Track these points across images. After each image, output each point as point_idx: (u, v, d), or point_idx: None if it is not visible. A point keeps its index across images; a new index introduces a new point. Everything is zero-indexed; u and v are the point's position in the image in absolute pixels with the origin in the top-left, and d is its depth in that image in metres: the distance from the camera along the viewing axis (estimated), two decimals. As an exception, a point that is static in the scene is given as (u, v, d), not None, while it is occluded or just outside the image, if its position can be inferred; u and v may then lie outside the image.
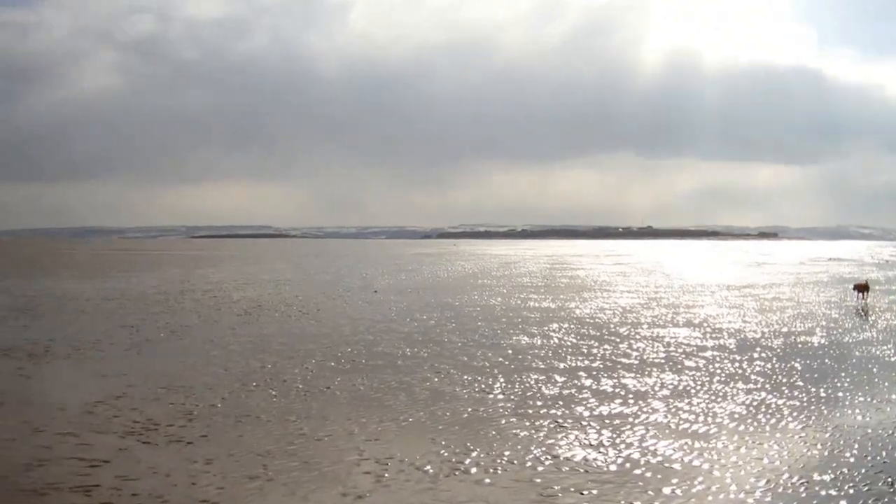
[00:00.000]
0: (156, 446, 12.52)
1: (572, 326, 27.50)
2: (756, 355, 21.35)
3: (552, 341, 23.85)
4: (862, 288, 39.73)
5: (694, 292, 43.82)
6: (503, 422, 13.85)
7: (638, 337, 24.88)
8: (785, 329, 27.08)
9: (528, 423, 13.71)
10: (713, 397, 15.95)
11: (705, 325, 28.16)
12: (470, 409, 14.76)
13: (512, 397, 15.80)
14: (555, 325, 27.75)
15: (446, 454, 11.90)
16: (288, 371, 18.82)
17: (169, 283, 50.37)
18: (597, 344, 23.26)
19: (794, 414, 14.54)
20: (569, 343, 23.49)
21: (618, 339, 24.24)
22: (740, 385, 17.16)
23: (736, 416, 14.41)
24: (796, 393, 16.35)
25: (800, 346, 23.27)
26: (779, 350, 22.33)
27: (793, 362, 20.15)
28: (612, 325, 27.84)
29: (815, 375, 18.33)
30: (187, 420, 14.09)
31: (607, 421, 13.94)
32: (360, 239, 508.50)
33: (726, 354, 21.47)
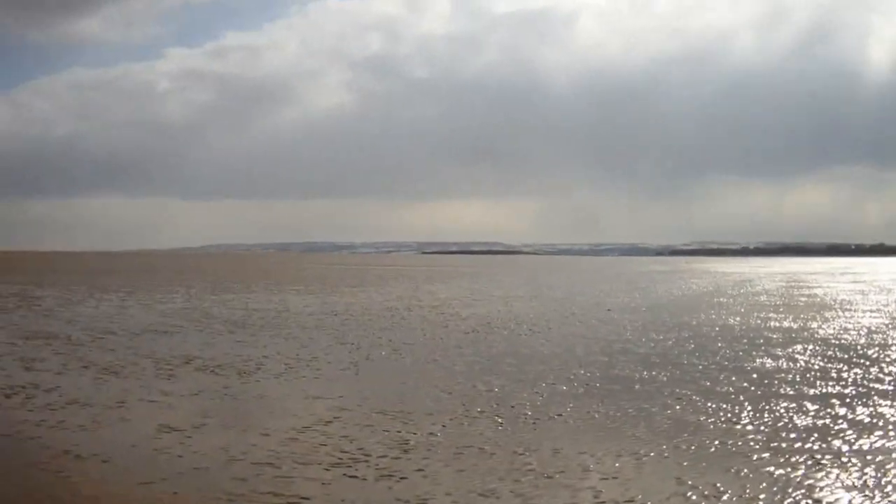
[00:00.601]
0: (364, 481, 11.51)
1: (817, 348, 25.70)
2: None
3: (798, 364, 22.22)
4: None
5: (941, 311, 41.02)
6: (755, 457, 12.48)
7: (889, 360, 22.91)
8: None
9: (782, 460, 12.32)
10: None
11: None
12: (717, 442, 13.42)
13: (762, 428, 14.43)
14: (799, 347, 26.00)
15: (694, 497, 10.65)
16: (516, 395, 17.74)
17: (396, 299, 50.17)
18: (846, 368, 21.53)
19: None
20: (816, 366, 21.83)
21: (868, 363, 22.38)
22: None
23: None
24: None
25: None
26: None
27: None
28: (859, 347, 25.90)
29: None
30: (402, 451, 13.05)
31: (869, 457, 12.40)
32: (593, 256, 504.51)
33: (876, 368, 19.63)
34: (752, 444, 13.37)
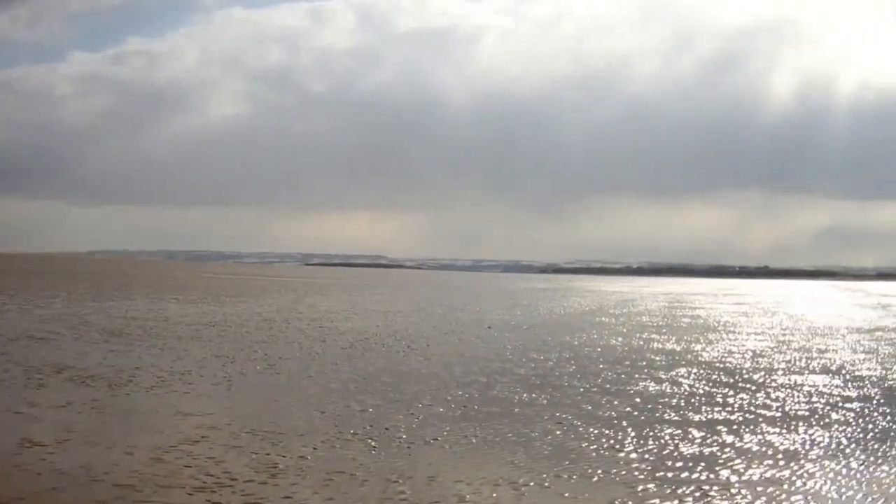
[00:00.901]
0: (226, 509, 11.10)
1: (702, 371, 25.90)
2: (908, 408, 19.75)
3: (682, 388, 22.31)
4: None
5: (823, 335, 41.70)
6: (639, 488, 12.37)
7: (774, 385, 23.20)
8: (935, 377, 25.31)
9: (668, 491, 12.23)
10: (873, 459, 14.41)
11: (843, 371, 26.38)
12: (601, 472, 13.27)
13: (646, 457, 14.33)
14: (683, 370, 26.14)
15: (577, 529, 10.53)
16: (391, 417, 17.39)
17: (275, 311, 49.38)
18: (731, 392, 21.68)
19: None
20: (701, 391, 21.94)
21: (753, 388, 22.60)
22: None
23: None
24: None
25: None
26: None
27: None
28: (744, 371, 26.18)
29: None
30: (270, 475, 12.57)
31: (759, 488, 12.39)
32: (475, 272, 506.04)
33: (874, 406, 19.77)
34: (636, 473, 13.27)
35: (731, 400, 20.48)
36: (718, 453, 14.64)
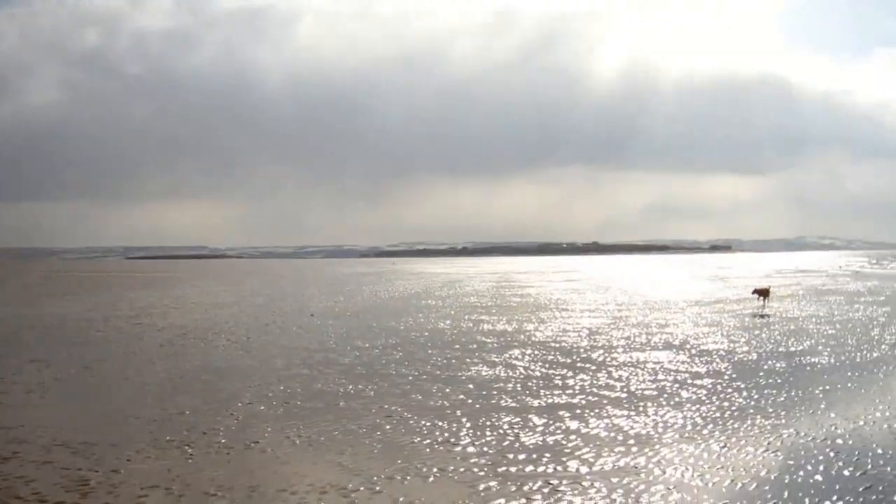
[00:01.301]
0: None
1: (537, 353, 25.08)
2: (763, 381, 19.15)
3: (518, 372, 21.40)
4: (763, 293, 44.73)
5: (661, 309, 41.64)
6: (481, 487, 11.29)
7: (616, 363, 22.52)
8: (782, 349, 24.94)
9: (513, 488, 11.19)
10: (735, 440, 13.60)
11: (688, 346, 25.94)
12: (436, 470, 12.17)
13: (486, 450, 13.25)
14: (516, 352, 25.31)
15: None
16: (209, 419, 16.09)
17: (94, 309, 47.31)
18: (571, 374, 20.87)
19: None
20: (538, 373, 21.07)
21: (594, 367, 21.85)
22: (761, 422, 14.86)
23: (770, 464, 12.10)
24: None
25: (808, 369, 21.11)
26: (787, 374, 20.16)
27: (811, 389, 17.97)
28: (581, 350, 25.47)
29: (842, 404, 16.15)
30: (80, 495, 11.31)
31: (614, 480, 11.46)
32: (298, 258, 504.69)
33: (727, 382, 19.19)
34: (476, 469, 12.19)
35: (571, 382, 19.65)
36: (564, 442, 13.65)
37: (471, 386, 19.32)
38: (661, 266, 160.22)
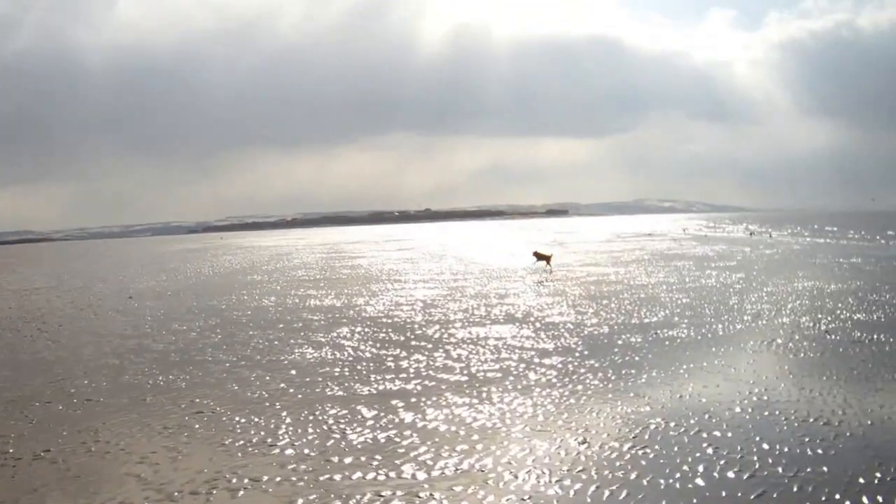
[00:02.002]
0: None
1: (367, 330, 23.81)
2: (619, 359, 18.08)
3: (346, 353, 20.06)
4: (542, 257, 47.66)
5: (500, 278, 40.74)
6: (300, 503, 9.93)
7: (454, 340, 21.31)
8: (636, 321, 24.02)
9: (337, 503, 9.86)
10: (593, 433, 12.38)
11: (532, 319, 24.86)
12: (248, 481, 10.60)
13: (307, 452, 11.78)
14: (345, 330, 24.03)
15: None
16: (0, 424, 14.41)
17: None
18: (404, 354, 19.62)
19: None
20: (368, 354, 19.76)
21: (430, 346, 20.62)
22: (623, 409, 13.69)
23: (640, 463, 10.97)
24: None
25: (667, 344, 20.09)
26: (645, 350, 19.12)
27: (674, 368, 16.99)
28: (416, 326, 24.26)
29: (713, 387, 15.20)
30: None
31: (456, 489, 10.08)
32: (125, 238, 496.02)
33: (579, 361, 18.05)
34: (294, 479, 10.75)
35: (405, 364, 18.38)
36: (398, 440, 12.30)
37: (293, 372, 17.95)
38: (498, 232, 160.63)
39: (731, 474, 10.41)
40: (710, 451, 11.35)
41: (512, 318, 25.34)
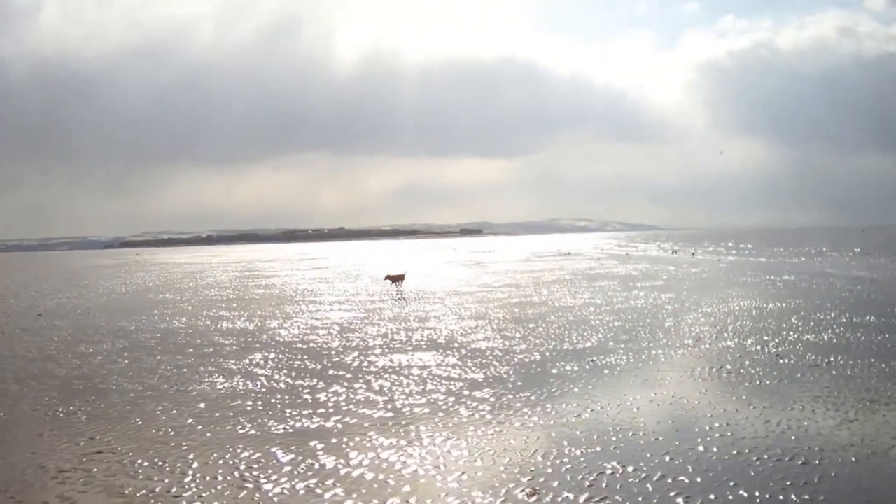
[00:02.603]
0: None
1: (282, 357, 22.21)
2: (557, 391, 16.63)
3: (259, 383, 18.46)
4: (395, 279, 48.83)
5: (418, 300, 39.24)
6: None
7: (375, 369, 19.77)
8: (568, 346, 22.63)
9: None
10: (541, 482, 11.00)
11: (456, 344, 23.41)
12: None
13: (215, 505, 10.31)
14: (258, 356, 22.41)
15: None
16: None
17: None
18: (322, 384, 18.05)
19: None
20: (283, 385, 18.18)
21: (349, 375, 19.05)
22: (574, 453, 12.25)
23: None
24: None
25: (607, 372, 18.67)
26: (584, 381, 17.64)
27: (619, 402, 15.59)
28: (333, 352, 22.68)
29: (669, 428, 13.79)
30: None
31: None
32: (42, 251, 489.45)
33: (513, 393, 16.57)
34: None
35: (322, 397, 16.83)
36: (319, 491, 10.74)
37: (202, 405, 16.32)
38: (413, 251, 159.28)
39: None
40: (680, 501, 9.96)
41: (435, 343, 23.87)
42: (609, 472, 11.15)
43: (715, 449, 12.05)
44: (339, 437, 13.43)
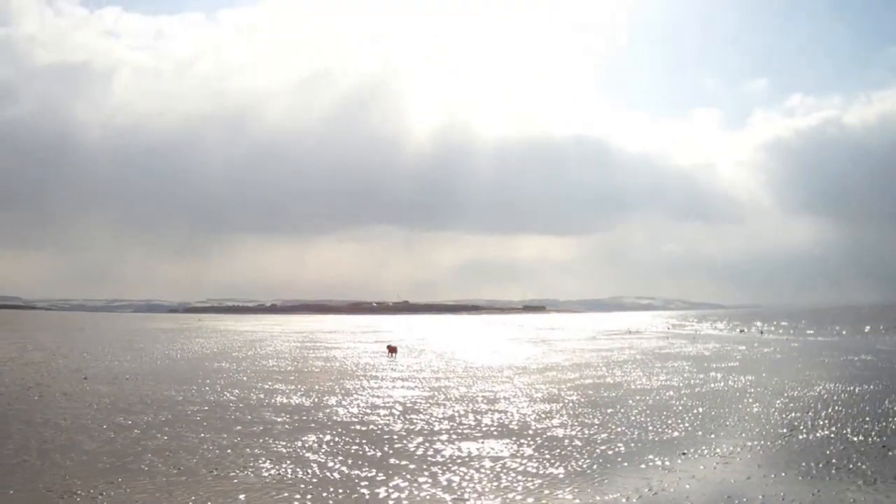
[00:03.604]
0: None
1: (338, 440, 20.09)
2: (648, 488, 14.43)
3: (310, 471, 16.42)
4: (392, 350, 58.78)
5: (486, 378, 36.90)
6: None
7: (441, 459, 17.63)
8: (653, 435, 20.35)
9: None
10: None
11: (530, 432, 21.20)
12: None
13: None
14: (312, 438, 20.32)
15: None
16: None
17: None
18: (382, 476, 15.97)
19: None
20: (337, 475, 16.12)
21: (412, 466, 16.96)
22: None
23: None
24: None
25: (709, 470, 16.41)
26: (677, 477, 15.43)
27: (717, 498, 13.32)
28: (395, 436, 20.55)
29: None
30: None
31: None
32: (107, 312, 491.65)
33: (599, 492, 14.43)
34: None
35: (381, 492, 14.77)
36: None
37: (242, 497, 14.29)
38: (477, 327, 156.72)
39: None
40: None
41: (507, 429, 21.66)
42: None
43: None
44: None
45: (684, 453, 17.92)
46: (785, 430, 20.80)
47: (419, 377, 37.80)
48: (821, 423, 21.69)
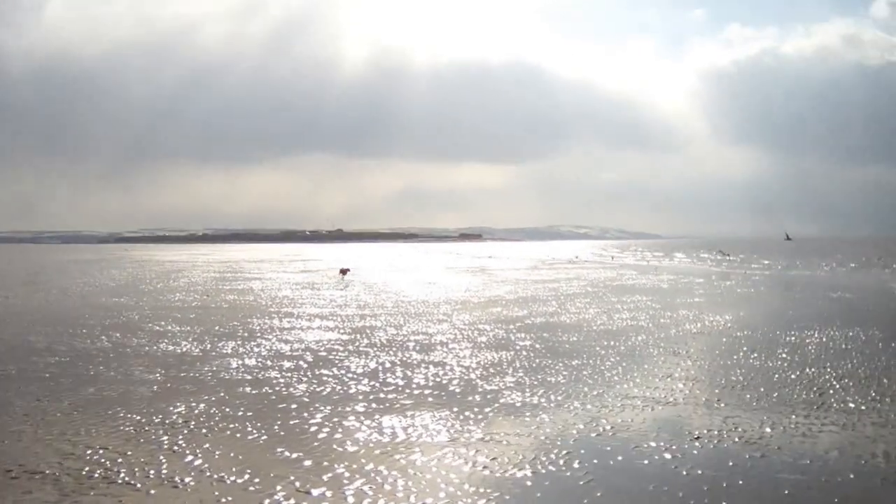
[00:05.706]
0: None
1: (214, 410, 14.52)
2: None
3: (153, 473, 10.87)
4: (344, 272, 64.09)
5: (420, 316, 31.38)
6: None
7: (351, 449, 12.10)
8: (640, 401, 14.95)
9: None
10: None
11: (479, 397, 15.65)
12: None
13: None
14: (178, 409, 14.66)
15: None
16: None
17: None
18: (257, 485, 10.45)
19: None
20: (188, 479, 10.59)
21: (309, 462, 11.39)
22: None
23: None
24: None
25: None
26: (681, 464, 10.16)
27: None
28: (293, 405, 15.03)
29: None
30: None
31: None
32: (31, 244, 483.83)
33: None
34: None
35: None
36: None
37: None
38: (411, 255, 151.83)
39: None
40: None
41: (446, 393, 16.16)
42: None
43: None
44: None
45: (697, 437, 12.62)
46: (813, 396, 15.60)
47: (341, 314, 32.20)
48: (852, 385, 16.61)
